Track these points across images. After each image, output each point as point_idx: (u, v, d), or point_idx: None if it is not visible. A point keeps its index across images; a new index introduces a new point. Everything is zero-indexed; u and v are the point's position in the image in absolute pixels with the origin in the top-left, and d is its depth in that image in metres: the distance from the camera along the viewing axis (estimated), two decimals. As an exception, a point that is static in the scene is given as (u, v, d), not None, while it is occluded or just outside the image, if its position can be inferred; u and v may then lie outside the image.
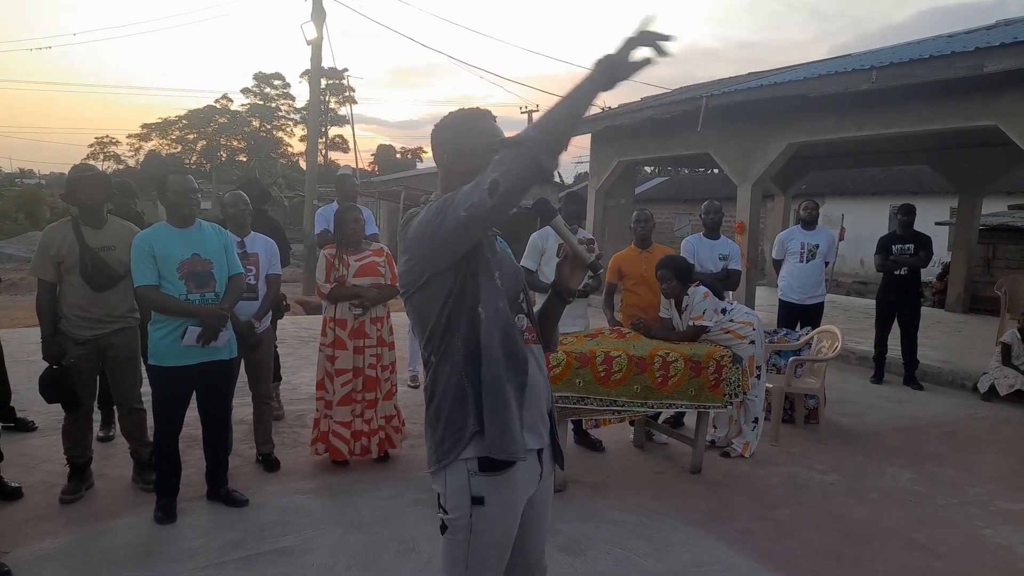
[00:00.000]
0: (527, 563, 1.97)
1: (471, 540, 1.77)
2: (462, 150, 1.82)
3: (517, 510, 1.82)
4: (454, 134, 1.85)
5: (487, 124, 1.84)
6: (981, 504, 4.18)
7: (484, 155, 1.76)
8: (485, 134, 1.82)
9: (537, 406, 1.84)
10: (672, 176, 32.39)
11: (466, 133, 1.84)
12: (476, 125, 1.84)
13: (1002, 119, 6.75)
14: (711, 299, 4.52)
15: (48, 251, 3.63)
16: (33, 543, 3.29)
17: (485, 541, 1.78)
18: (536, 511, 1.93)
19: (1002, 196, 16.07)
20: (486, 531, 1.77)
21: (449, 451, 1.74)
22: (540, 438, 1.85)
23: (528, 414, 1.79)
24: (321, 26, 15.06)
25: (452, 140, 1.85)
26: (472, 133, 1.83)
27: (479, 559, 1.79)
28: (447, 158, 1.85)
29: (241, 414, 4.76)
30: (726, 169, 9.92)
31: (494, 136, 1.82)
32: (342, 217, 4.35)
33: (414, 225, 1.74)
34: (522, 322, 1.83)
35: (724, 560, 3.38)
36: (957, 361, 7.71)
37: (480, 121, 1.84)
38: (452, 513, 1.77)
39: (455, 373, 1.75)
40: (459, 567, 1.80)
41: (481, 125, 1.84)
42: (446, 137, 1.85)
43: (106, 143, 63.11)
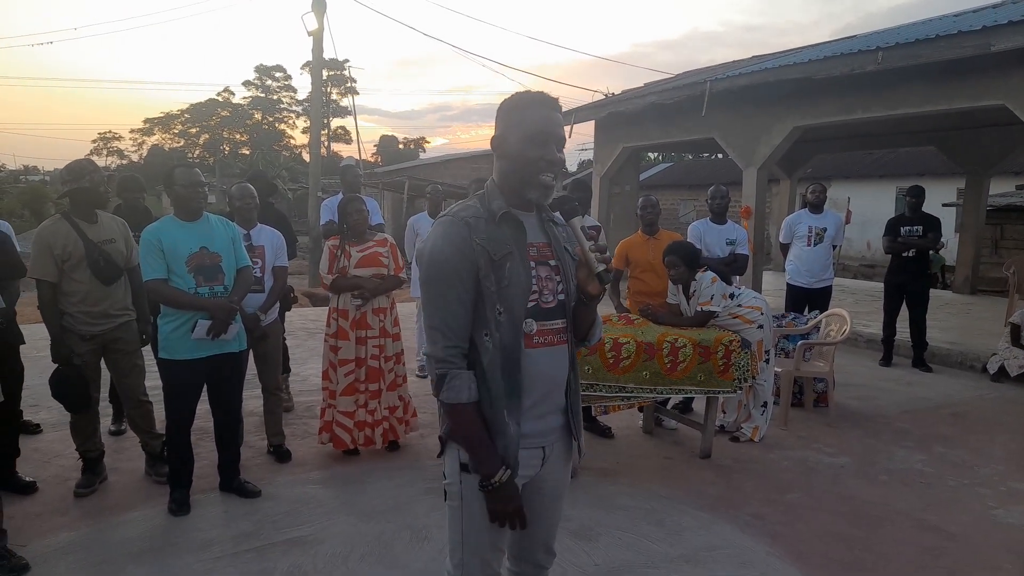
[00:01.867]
0: (534, 548, 2.02)
1: (463, 507, 1.86)
2: (504, 135, 1.81)
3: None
4: (504, 116, 1.83)
5: (537, 114, 1.79)
6: (992, 484, 4.18)
7: (518, 146, 1.79)
8: (528, 125, 1.78)
9: (548, 404, 1.88)
10: (677, 162, 32.27)
11: (512, 119, 1.81)
12: (524, 114, 1.80)
13: (1010, 98, 6.69)
14: (719, 284, 4.51)
15: (51, 251, 3.59)
16: (49, 536, 3.32)
17: (475, 509, 1.84)
18: (546, 498, 1.97)
19: (1010, 176, 16.00)
20: (474, 499, 1.83)
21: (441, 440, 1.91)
22: (543, 436, 1.88)
23: (530, 422, 1.83)
24: (322, 17, 15.01)
25: (500, 122, 1.84)
26: (517, 121, 1.80)
27: (472, 527, 1.86)
28: (493, 139, 1.85)
29: (251, 406, 4.79)
30: (731, 154, 9.87)
31: (537, 127, 1.78)
32: (345, 208, 4.36)
33: (427, 243, 1.80)
34: (531, 327, 1.81)
35: (735, 544, 3.39)
36: (966, 342, 7.69)
37: (529, 110, 1.80)
38: (448, 479, 1.88)
39: None
40: (456, 534, 1.89)
41: (529, 115, 1.79)
42: (499, 118, 1.85)
43: (109, 138, 63.22)
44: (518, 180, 1.81)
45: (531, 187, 1.80)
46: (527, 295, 1.79)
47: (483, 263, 1.74)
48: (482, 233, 1.76)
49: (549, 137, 1.78)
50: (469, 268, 1.74)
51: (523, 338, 1.79)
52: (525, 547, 2.03)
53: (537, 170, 1.78)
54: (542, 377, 1.84)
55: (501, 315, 1.76)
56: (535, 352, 1.82)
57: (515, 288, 1.77)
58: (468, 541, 1.87)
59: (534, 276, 1.82)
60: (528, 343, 1.81)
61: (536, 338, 1.82)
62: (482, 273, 1.74)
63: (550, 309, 1.84)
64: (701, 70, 12.95)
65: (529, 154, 1.77)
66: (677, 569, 3.14)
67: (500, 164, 1.84)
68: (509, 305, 1.76)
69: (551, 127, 1.79)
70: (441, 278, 1.75)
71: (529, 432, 1.83)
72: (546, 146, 1.78)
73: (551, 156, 1.79)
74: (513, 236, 1.81)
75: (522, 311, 1.78)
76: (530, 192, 1.81)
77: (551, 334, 1.85)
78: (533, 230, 1.86)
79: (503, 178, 1.84)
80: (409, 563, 3.14)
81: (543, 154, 1.77)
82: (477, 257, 1.74)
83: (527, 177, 1.79)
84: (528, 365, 1.80)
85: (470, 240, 1.75)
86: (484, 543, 1.87)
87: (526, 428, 1.82)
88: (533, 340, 1.81)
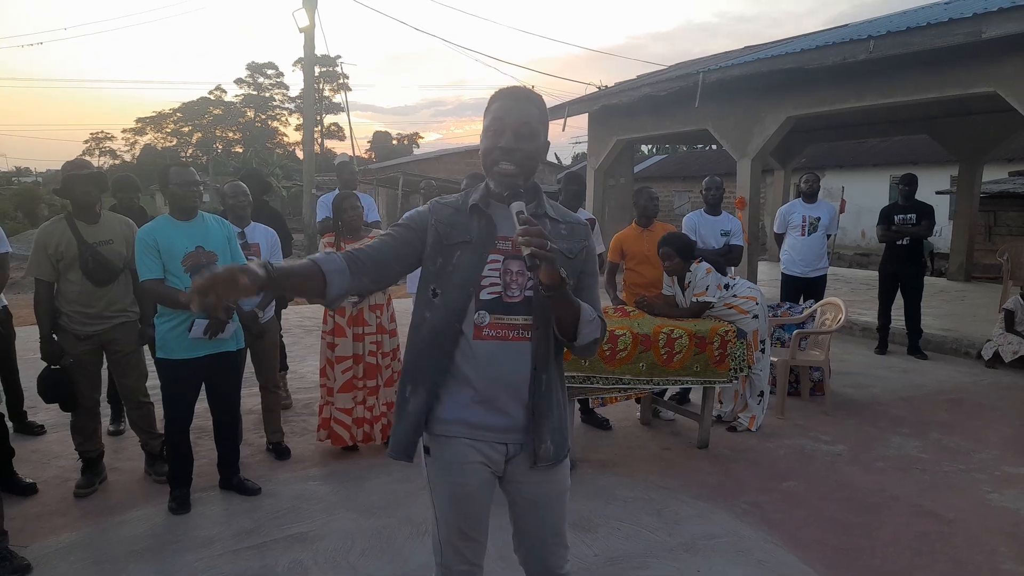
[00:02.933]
0: (532, 554, 1.98)
1: (432, 491, 1.91)
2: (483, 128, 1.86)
3: (462, 473, 1.84)
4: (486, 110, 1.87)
5: (497, 105, 1.82)
6: (987, 469, 4.21)
7: (481, 139, 1.84)
8: (488, 117, 1.82)
9: (504, 400, 1.82)
10: (671, 154, 32.27)
11: (486, 113, 1.85)
12: (488, 108, 1.84)
13: (1001, 85, 6.72)
14: (714, 275, 4.53)
15: (46, 250, 3.62)
16: (50, 537, 3.33)
17: (439, 494, 1.88)
18: (528, 507, 1.93)
19: (1002, 163, 16.03)
20: (436, 482, 1.88)
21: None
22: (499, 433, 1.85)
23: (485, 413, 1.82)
24: (313, 13, 14.97)
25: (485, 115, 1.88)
26: (485, 113, 1.85)
27: (442, 514, 1.90)
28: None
29: (249, 404, 4.79)
30: (725, 145, 9.89)
31: (496, 116, 1.80)
32: (340, 204, 4.36)
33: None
34: (483, 319, 1.78)
35: (734, 532, 3.41)
36: (960, 329, 7.73)
37: (494, 104, 1.83)
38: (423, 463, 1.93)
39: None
40: (433, 517, 1.93)
41: (492, 108, 1.83)
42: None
43: (101, 138, 63.11)
44: (485, 172, 1.85)
45: (491, 177, 1.84)
46: (469, 286, 1.78)
47: (431, 242, 1.83)
48: (443, 218, 1.84)
49: (504, 125, 1.78)
50: (413, 237, 1.83)
51: (471, 328, 1.79)
52: (526, 552, 1.99)
53: (492, 160, 1.80)
54: (489, 370, 1.80)
55: (436, 297, 1.81)
56: (483, 344, 1.79)
57: (457, 277, 1.79)
58: (440, 527, 1.90)
59: (498, 269, 1.80)
60: (477, 334, 1.79)
61: (487, 331, 1.79)
62: (427, 252, 1.83)
63: (514, 304, 1.80)
64: (694, 61, 12.95)
65: (485, 144, 1.81)
66: (676, 558, 3.16)
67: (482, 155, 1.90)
68: (446, 290, 1.80)
69: (506, 114, 1.79)
70: (387, 230, 1.88)
71: (478, 423, 1.83)
72: (500, 135, 1.78)
73: (502, 143, 1.78)
74: (479, 227, 1.83)
75: (461, 300, 1.79)
76: (492, 182, 1.84)
77: (507, 328, 1.79)
78: (509, 224, 1.76)
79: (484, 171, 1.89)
80: (410, 557, 3.15)
81: (496, 142, 1.79)
82: (426, 235, 1.83)
83: (487, 167, 1.83)
84: (473, 355, 1.79)
85: (427, 219, 1.85)
86: (451, 527, 1.88)
87: (473, 418, 1.82)
88: (483, 332, 1.79)
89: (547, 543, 1.97)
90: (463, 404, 1.82)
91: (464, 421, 1.83)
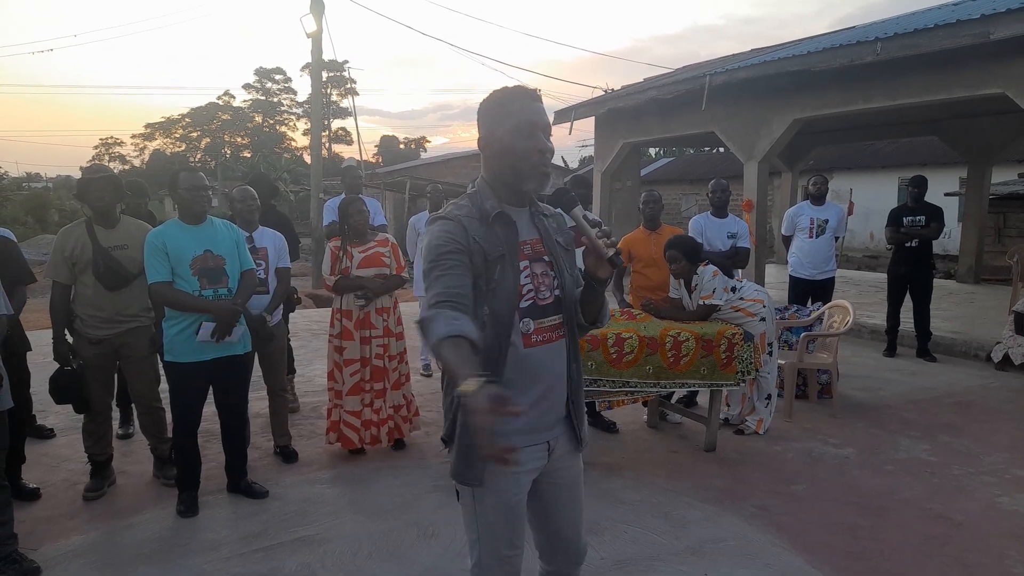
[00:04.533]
0: (562, 542, 2.02)
1: (476, 506, 1.86)
2: (491, 132, 1.79)
3: (517, 482, 1.85)
4: (485, 115, 1.81)
5: (518, 106, 1.77)
6: (997, 473, 4.18)
7: (508, 140, 1.76)
8: (512, 117, 1.76)
9: (551, 399, 1.87)
10: (678, 157, 32.23)
11: (495, 115, 1.79)
12: (507, 108, 1.77)
13: (1010, 86, 6.68)
14: (720, 278, 4.52)
15: (62, 252, 3.67)
16: (60, 540, 3.35)
17: (487, 506, 1.85)
18: (562, 491, 1.97)
19: (1012, 165, 15.94)
20: (486, 495, 1.84)
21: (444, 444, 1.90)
22: (547, 431, 1.89)
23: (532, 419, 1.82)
24: (320, 18, 15.02)
25: (483, 122, 1.81)
26: (501, 116, 1.77)
27: (486, 526, 1.87)
28: (480, 139, 1.83)
29: (257, 407, 4.81)
30: (732, 147, 9.87)
31: (523, 118, 1.75)
32: (346, 209, 4.38)
33: (426, 240, 1.79)
34: (528, 327, 1.81)
35: (741, 535, 3.40)
36: (970, 332, 7.68)
37: (511, 103, 1.77)
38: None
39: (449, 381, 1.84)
40: (472, 533, 1.90)
41: (512, 108, 1.77)
42: (480, 119, 1.83)
43: (111, 144, 63.46)
44: (513, 174, 1.79)
45: (528, 179, 1.78)
46: (513, 298, 1.78)
47: (477, 262, 1.74)
48: (478, 233, 1.76)
49: (535, 126, 1.76)
50: (467, 259, 1.73)
51: (520, 338, 1.79)
52: (555, 544, 2.02)
53: (531, 161, 1.76)
54: (543, 374, 1.84)
55: (487, 315, 1.76)
56: (535, 351, 1.82)
57: (501, 292, 1.76)
58: (484, 539, 1.87)
59: (528, 274, 1.82)
60: (527, 342, 1.80)
61: (534, 337, 1.82)
62: (476, 271, 1.74)
63: (547, 305, 1.84)
64: (700, 64, 12.93)
65: (521, 146, 1.75)
66: (683, 561, 3.15)
67: (491, 162, 1.82)
68: (494, 307, 1.76)
69: (535, 116, 1.77)
70: (442, 257, 1.71)
71: (532, 428, 1.84)
72: (534, 136, 1.76)
73: (541, 145, 1.77)
74: (505, 237, 1.79)
75: (508, 313, 1.78)
76: (528, 184, 1.79)
77: (549, 331, 1.84)
78: (525, 227, 1.85)
79: (495, 176, 1.82)
80: (417, 560, 3.16)
81: (534, 144, 1.76)
82: (474, 254, 1.74)
83: (523, 169, 1.77)
84: (529, 364, 1.81)
85: (466, 237, 1.74)
86: (500, 539, 1.87)
87: (528, 424, 1.81)
88: (532, 339, 1.81)
89: (578, 526, 2.02)
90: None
91: (516, 430, 1.80)
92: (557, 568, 2.06)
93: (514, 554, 1.92)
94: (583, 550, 2.07)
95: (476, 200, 1.81)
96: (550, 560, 2.06)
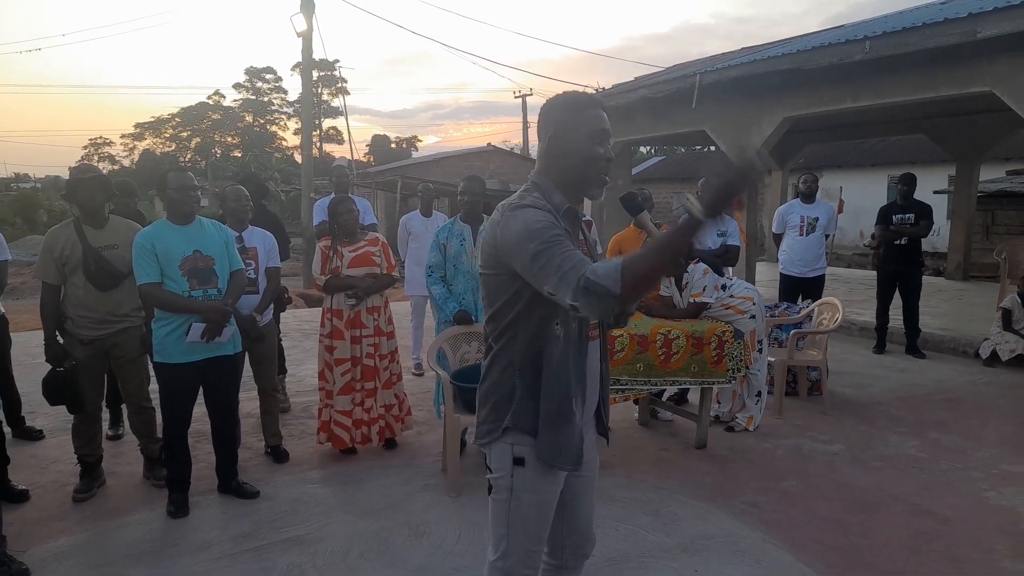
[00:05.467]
0: (578, 533, 2.07)
1: (512, 500, 1.88)
2: (562, 132, 1.82)
3: (557, 475, 1.90)
4: (560, 115, 1.84)
5: (593, 113, 1.83)
6: (984, 468, 4.21)
7: (585, 144, 1.81)
8: (589, 123, 1.81)
9: (592, 397, 1.95)
10: (669, 155, 32.30)
11: (571, 118, 1.83)
12: (584, 114, 1.82)
13: (997, 84, 6.73)
14: (711, 275, 4.54)
15: (51, 253, 3.65)
16: (49, 541, 3.33)
17: (525, 501, 1.88)
18: (584, 483, 2.03)
19: (1000, 162, 16.05)
20: (525, 491, 1.86)
21: (487, 434, 1.89)
22: (587, 423, 1.97)
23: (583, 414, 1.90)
24: (311, 17, 14.97)
25: (556, 121, 1.84)
26: (578, 121, 1.82)
27: (520, 519, 1.89)
28: (548, 136, 1.85)
29: (248, 407, 4.80)
30: (722, 146, 9.89)
31: (597, 126, 1.82)
32: (335, 209, 4.37)
33: (517, 226, 1.71)
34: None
35: (731, 532, 3.42)
36: (958, 328, 7.74)
37: (589, 110, 1.83)
38: (496, 472, 1.89)
39: (511, 370, 1.85)
40: (502, 527, 1.91)
41: (590, 114, 1.82)
42: (552, 117, 1.86)
43: (100, 144, 63.13)
44: (581, 177, 1.83)
45: (594, 184, 1.84)
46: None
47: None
48: (564, 224, 1.77)
49: (607, 135, 1.84)
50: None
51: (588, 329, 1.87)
52: (567, 537, 2.06)
53: (600, 169, 1.83)
54: (592, 369, 1.93)
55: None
56: (592, 344, 1.92)
57: None
58: (514, 533, 1.90)
59: None
60: (591, 335, 1.90)
61: (591, 331, 1.91)
62: None
63: None
64: (691, 63, 12.96)
65: (594, 152, 1.81)
66: (674, 559, 3.17)
67: (558, 162, 1.84)
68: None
69: (607, 124, 1.85)
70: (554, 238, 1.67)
71: (582, 421, 1.90)
72: (605, 144, 1.83)
73: (610, 155, 1.85)
74: (573, 231, 1.86)
75: None
76: (591, 189, 1.85)
77: (593, 328, 1.93)
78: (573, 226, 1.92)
79: (562, 175, 1.84)
80: (408, 559, 3.16)
81: (604, 152, 1.83)
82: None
83: (591, 175, 1.83)
84: (588, 358, 1.90)
85: (559, 222, 1.75)
86: (531, 534, 1.92)
87: (579, 417, 1.88)
88: (591, 333, 1.91)
89: (592, 518, 2.10)
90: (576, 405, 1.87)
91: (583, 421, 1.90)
92: (563, 562, 2.10)
93: (540, 549, 1.98)
94: (593, 543, 2.13)
95: (543, 193, 1.82)
96: (557, 554, 2.09)
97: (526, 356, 1.82)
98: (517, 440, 1.84)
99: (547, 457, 1.84)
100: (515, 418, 1.84)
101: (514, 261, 1.72)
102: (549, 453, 1.84)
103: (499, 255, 1.77)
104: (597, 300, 1.56)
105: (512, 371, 1.84)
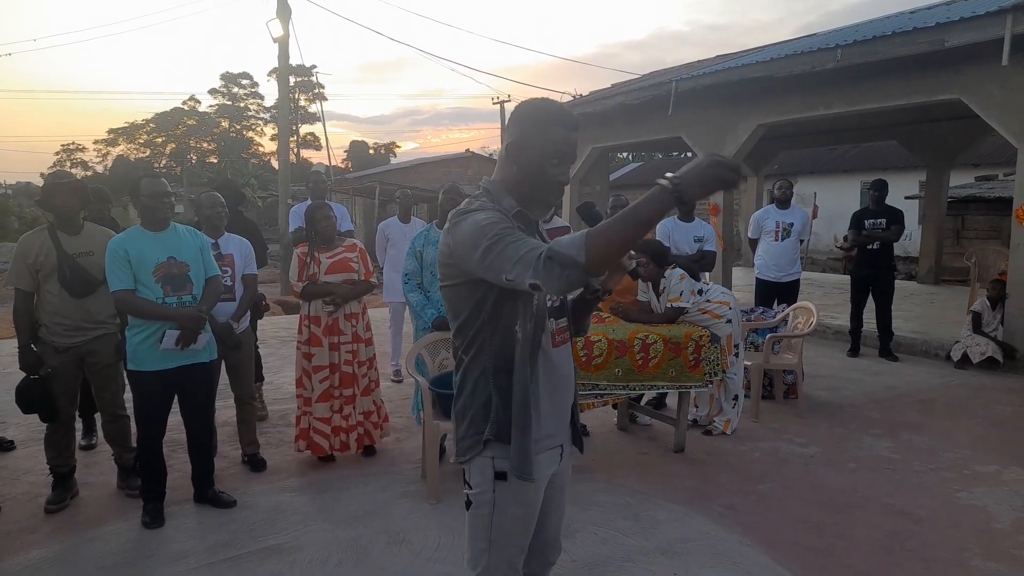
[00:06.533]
0: (544, 541, 2.04)
1: (494, 514, 1.83)
2: (524, 143, 1.77)
3: (540, 487, 1.88)
4: (524, 125, 1.78)
5: (557, 132, 1.76)
6: (956, 468, 4.29)
7: (538, 161, 1.76)
8: (548, 142, 1.75)
9: (563, 404, 1.90)
10: (647, 161, 32.52)
11: (536, 131, 1.77)
12: (548, 131, 1.76)
13: (964, 92, 6.88)
14: (687, 281, 4.58)
15: (25, 259, 3.60)
16: (20, 554, 3.27)
17: (508, 515, 1.84)
18: (556, 491, 2.00)
19: (969, 168, 16.37)
20: (508, 505, 1.82)
21: (467, 450, 1.83)
22: (562, 432, 1.92)
23: (552, 420, 1.85)
24: (287, 23, 14.90)
25: (519, 130, 1.79)
26: (540, 136, 1.76)
27: (502, 534, 1.85)
28: (509, 141, 1.81)
29: (224, 416, 4.75)
30: (698, 152, 10.00)
31: (556, 148, 1.75)
32: (313, 215, 4.35)
33: (465, 228, 1.69)
34: (552, 326, 1.85)
35: (709, 535, 3.44)
36: (930, 331, 7.87)
37: (553, 128, 1.76)
38: (476, 488, 1.84)
39: (484, 379, 1.80)
40: (482, 543, 1.86)
41: (553, 133, 1.75)
42: (517, 124, 1.80)
43: (73, 150, 62.04)
44: (528, 192, 1.80)
45: (537, 203, 1.82)
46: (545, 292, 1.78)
47: None
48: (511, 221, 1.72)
49: (566, 159, 1.78)
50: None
51: (549, 336, 1.82)
52: (537, 544, 2.02)
53: (549, 191, 1.79)
54: (563, 376, 1.88)
55: (528, 307, 1.77)
56: (557, 351, 1.85)
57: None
58: (496, 547, 1.85)
59: None
60: (554, 341, 1.84)
61: (557, 336, 1.86)
62: None
63: (560, 307, 1.89)
64: (667, 70, 13.09)
65: (545, 173, 1.77)
66: (653, 562, 3.18)
67: (513, 170, 1.80)
68: (540, 300, 1.80)
69: (569, 148, 1.78)
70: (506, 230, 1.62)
71: (552, 432, 1.86)
72: (561, 167, 1.78)
73: (564, 178, 1.80)
74: (528, 232, 1.78)
75: (543, 307, 1.81)
76: (535, 208, 1.82)
77: (562, 332, 1.90)
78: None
79: (514, 183, 1.81)
80: (387, 567, 3.14)
81: (557, 175, 1.78)
82: None
83: (537, 195, 1.80)
84: (555, 364, 1.84)
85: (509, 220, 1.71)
86: (513, 546, 1.88)
87: (549, 428, 1.83)
88: (555, 338, 1.85)
89: (560, 526, 2.07)
90: (545, 416, 1.82)
91: (545, 434, 1.82)
92: (530, 570, 2.06)
93: (521, 559, 1.94)
94: (559, 551, 2.10)
95: (492, 198, 1.79)
96: (525, 563, 2.04)
97: (498, 364, 1.77)
98: (498, 453, 1.79)
99: (518, 469, 1.77)
100: (495, 428, 1.78)
101: (469, 262, 1.67)
102: (519, 466, 1.78)
103: (455, 261, 1.73)
104: (560, 269, 1.49)
105: (485, 380, 1.79)
